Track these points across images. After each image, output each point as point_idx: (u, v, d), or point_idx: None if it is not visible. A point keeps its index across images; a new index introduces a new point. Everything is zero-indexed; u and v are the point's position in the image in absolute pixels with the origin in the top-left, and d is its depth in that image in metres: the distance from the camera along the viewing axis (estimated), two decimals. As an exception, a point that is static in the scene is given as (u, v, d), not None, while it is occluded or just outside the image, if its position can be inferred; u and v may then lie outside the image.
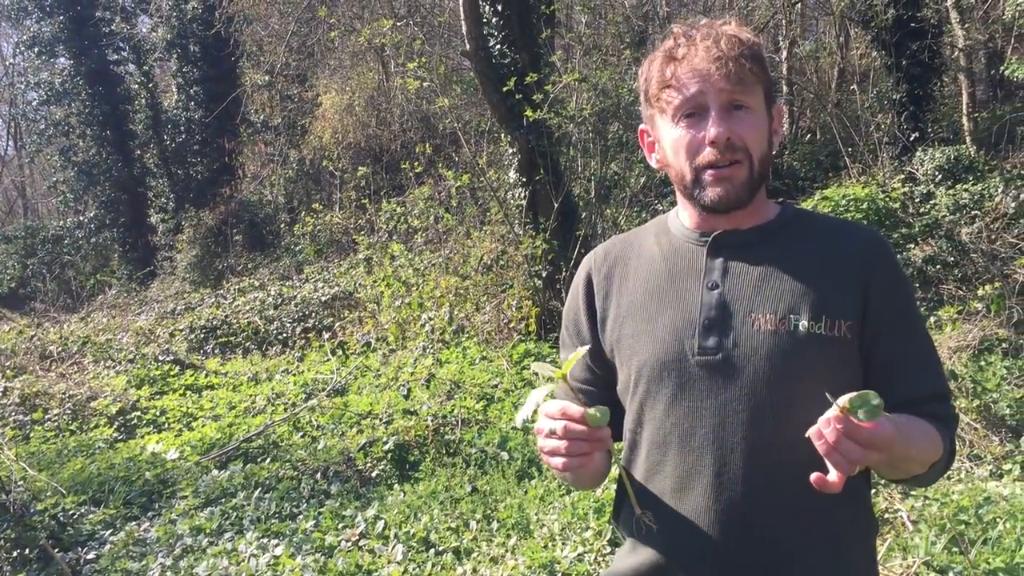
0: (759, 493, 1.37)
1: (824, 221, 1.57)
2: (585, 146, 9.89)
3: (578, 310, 1.64)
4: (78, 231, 22.07)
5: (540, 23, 9.36)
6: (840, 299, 1.42)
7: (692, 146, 1.43)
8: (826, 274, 1.45)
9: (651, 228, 1.65)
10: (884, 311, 1.44)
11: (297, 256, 16.55)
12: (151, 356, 9.71)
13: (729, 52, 1.40)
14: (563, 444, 1.35)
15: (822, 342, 1.40)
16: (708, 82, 1.40)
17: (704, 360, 1.43)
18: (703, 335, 1.44)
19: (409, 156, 12.12)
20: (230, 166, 20.18)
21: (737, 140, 1.41)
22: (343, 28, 14.84)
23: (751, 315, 1.43)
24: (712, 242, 1.50)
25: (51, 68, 21.72)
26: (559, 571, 3.88)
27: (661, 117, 1.48)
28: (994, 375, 5.34)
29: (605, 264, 1.63)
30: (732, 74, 1.39)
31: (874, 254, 1.47)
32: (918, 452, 1.41)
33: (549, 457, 1.38)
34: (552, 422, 1.37)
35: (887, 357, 1.45)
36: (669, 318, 1.48)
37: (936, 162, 9.91)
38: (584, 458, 1.36)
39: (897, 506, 4.14)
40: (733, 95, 1.41)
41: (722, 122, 1.40)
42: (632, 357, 1.51)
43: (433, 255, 10.46)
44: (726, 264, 1.48)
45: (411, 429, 5.79)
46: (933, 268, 7.70)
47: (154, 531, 4.64)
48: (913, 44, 10.97)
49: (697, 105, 1.42)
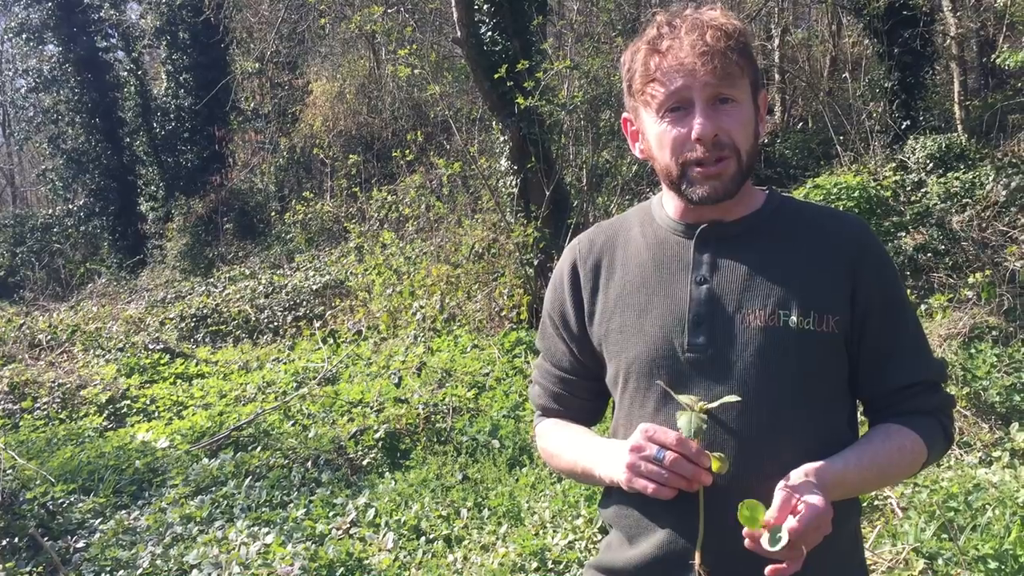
0: (749, 487, 1.36)
1: (810, 210, 1.55)
2: (577, 134, 9.88)
3: (564, 302, 1.61)
4: (67, 219, 21.95)
5: (531, 10, 9.32)
6: (829, 293, 1.42)
7: (678, 142, 1.41)
8: (815, 268, 1.44)
9: (635, 216, 1.63)
10: (873, 301, 1.44)
11: (288, 244, 16.48)
12: (141, 345, 9.68)
13: (715, 46, 1.37)
14: (666, 475, 1.33)
15: (812, 337, 1.39)
16: (693, 76, 1.38)
17: (694, 357, 1.42)
18: (692, 331, 1.43)
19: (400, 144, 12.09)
20: (220, 154, 20.07)
21: (724, 136, 1.39)
22: (333, 15, 14.78)
23: (741, 311, 1.42)
24: (699, 235, 1.48)
25: (39, 55, 21.54)
26: (550, 558, 3.88)
27: (645, 110, 1.46)
28: (984, 363, 5.35)
29: (591, 255, 1.60)
30: (718, 69, 1.37)
31: (860, 244, 1.46)
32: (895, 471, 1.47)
33: (636, 477, 1.36)
34: (659, 449, 1.34)
35: (877, 346, 1.45)
36: (658, 314, 1.47)
37: (927, 150, 9.92)
38: (672, 492, 1.34)
39: (887, 493, 4.15)
40: (719, 89, 1.39)
41: (708, 118, 1.38)
42: (621, 353, 1.50)
43: (424, 243, 10.43)
44: (714, 259, 1.47)
45: (402, 417, 5.79)
46: (924, 256, 7.70)
47: (144, 519, 4.62)
48: (905, 32, 10.97)
49: (681, 99, 1.40)
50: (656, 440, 1.35)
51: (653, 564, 1.43)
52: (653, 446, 1.34)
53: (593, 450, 1.52)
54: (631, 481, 1.37)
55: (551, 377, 1.67)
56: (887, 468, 1.43)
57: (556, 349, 1.65)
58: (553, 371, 1.67)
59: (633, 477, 1.36)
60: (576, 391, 1.65)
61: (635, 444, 1.37)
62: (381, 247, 10.38)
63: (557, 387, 1.67)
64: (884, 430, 1.45)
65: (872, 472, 1.40)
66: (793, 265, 1.44)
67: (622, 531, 1.50)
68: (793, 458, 1.35)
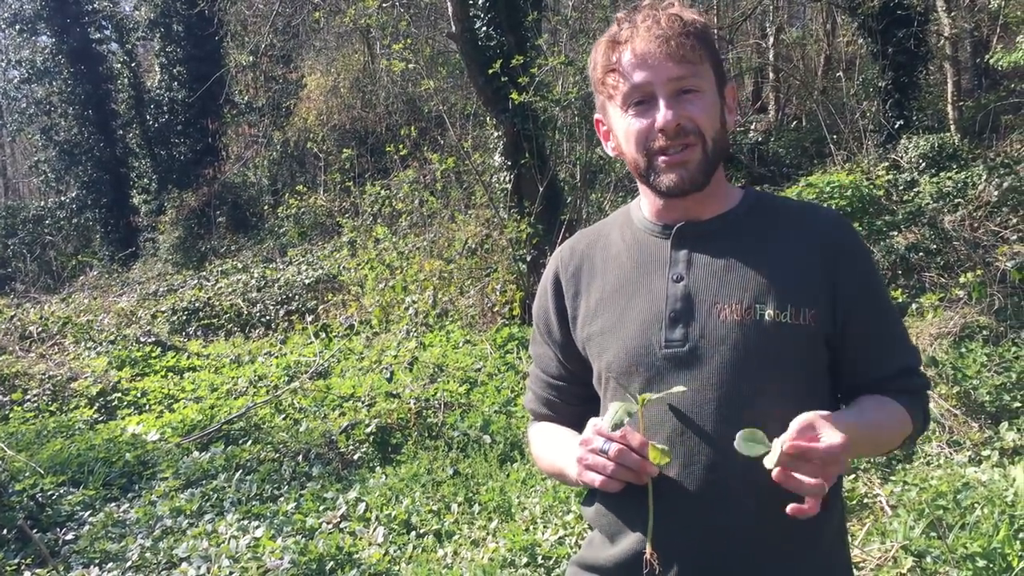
0: (727, 483, 1.36)
1: (787, 206, 1.56)
2: (571, 130, 9.86)
3: (548, 309, 1.63)
4: (59, 211, 21.88)
5: (527, 5, 9.31)
6: (806, 287, 1.42)
7: (642, 134, 1.42)
8: (791, 262, 1.44)
9: (615, 220, 1.64)
10: (852, 293, 1.44)
11: (281, 238, 16.46)
12: (132, 337, 9.65)
13: (669, 30, 1.38)
14: (610, 467, 1.35)
15: (788, 331, 1.39)
16: (653, 68, 1.38)
17: (671, 353, 1.42)
18: (669, 328, 1.43)
19: (394, 139, 12.08)
20: (214, 147, 20.04)
21: (687, 123, 1.39)
22: (328, 8, 14.73)
23: (716, 306, 1.42)
24: (676, 234, 1.49)
25: (32, 46, 21.47)
26: (540, 554, 3.88)
27: (611, 105, 1.47)
28: (975, 362, 5.37)
29: (572, 262, 1.61)
30: (675, 52, 1.38)
31: (839, 238, 1.47)
32: (888, 436, 1.47)
33: (585, 470, 1.39)
34: (606, 442, 1.36)
35: (857, 339, 1.46)
36: (636, 313, 1.48)
37: (920, 150, 9.94)
38: (620, 484, 1.37)
39: (876, 491, 4.16)
40: (680, 82, 1.39)
41: (670, 108, 1.39)
42: (602, 354, 1.51)
43: (417, 238, 10.42)
44: (690, 256, 1.47)
45: (393, 412, 5.79)
46: (916, 255, 7.71)
47: (134, 512, 4.60)
48: (899, 32, 10.99)
49: (644, 93, 1.40)
50: (603, 433, 1.36)
51: (632, 562, 1.43)
52: (600, 439, 1.36)
53: (568, 450, 1.53)
54: (581, 475, 1.40)
55: (541, 383, 1.69)
56: (881, 430, 1.45)
57: (544, 355, 1.67)
58: (543, 377, 1.69)
59: (583, 471, 1.39)
60: (565, 396, 1.66)
61: (584, 439, 1.40)
62: (374, 242, 10.37)
63: (547, 392, 1.68)
64: (873, 397, 1.46)
65: (870, 431, 1.41)
66: (769, 260, 1.44)
67: (602, 530, 1.51)
68: None
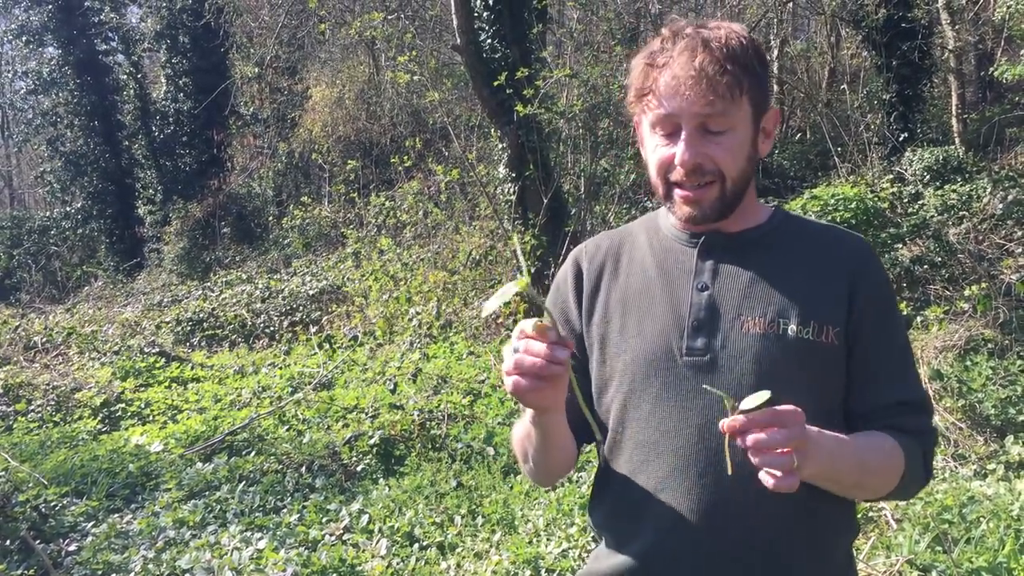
0: (742, 494, 1.36)
1: (814, 227, 1.55)
2: (575, 142, 9.89)
3: (567, 299, 1.61)
4: (65, 222, 21.93)
5: (531, 18, 9.35)
6: (829, 305, 1.42)
7: (664, 163, 1.43)
8: (816, 280, 1.44)
9: (641, 225, 1.64)
10: (866, 319, 1.43)
11: (285, 249, 16.48)
12: (137, 348, 9.65)
13: (708, 63, 1.35)
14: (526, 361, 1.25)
15: (810, 347, 1.39)
16: (683, 99, 1.36)
17: (692, 361, 1.42)
18: (691, 336, 1.44)
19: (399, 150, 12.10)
20: (219, 158, 20.08)
21: (707, 163, 1.39)
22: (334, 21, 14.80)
23: (740, 317, 1.42)
24: (703, 244, 1.50)
25: (39, 57, 21.58)
26: (543, 567, 3.87)
27: (644, 118, 1.47)
28: (979, 375, 5.36)
29: (597, 256, 1.62)
30: (707, 89, 1.35)
31: (862, 263, 1.46)
32: (875, 464, 1.39)
33: (506, 378, 1.28)
34: (518, 342, 1.27)
35: (863, 363, 1.44)
36: (658, 317, 1.48)
37: (925, 162, 9.93)
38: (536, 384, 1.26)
39: (881, 505, 4.15)
40: (708, 119, 1.37)
41: (691, 147, 1.38)
42: (619, 355, 1.50)
43: (422, 250, 10.44)
44: (716, 266, 1.48)
45: (397, 423, 5.78)
46: (920, 268, 7.71)
47: (137, 523, 4.60)
48: (904, 44, 11.00)
49: (673, 124, 1.40)
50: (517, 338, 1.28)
51: (636, 571, 1.44)
52: (515, 341, 1.28)
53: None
54: (506, 386, 1.29)
55: None
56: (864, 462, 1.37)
57: None
58: None
59: (505, 379, 1.29)
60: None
61: (504, 352, 1.32)
62: (378, 253, 10.38)
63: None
64: (864, 431, 1.41)
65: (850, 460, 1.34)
66: (795, 276, 1.45)
67: (611, 533, 1.51)
68: None
